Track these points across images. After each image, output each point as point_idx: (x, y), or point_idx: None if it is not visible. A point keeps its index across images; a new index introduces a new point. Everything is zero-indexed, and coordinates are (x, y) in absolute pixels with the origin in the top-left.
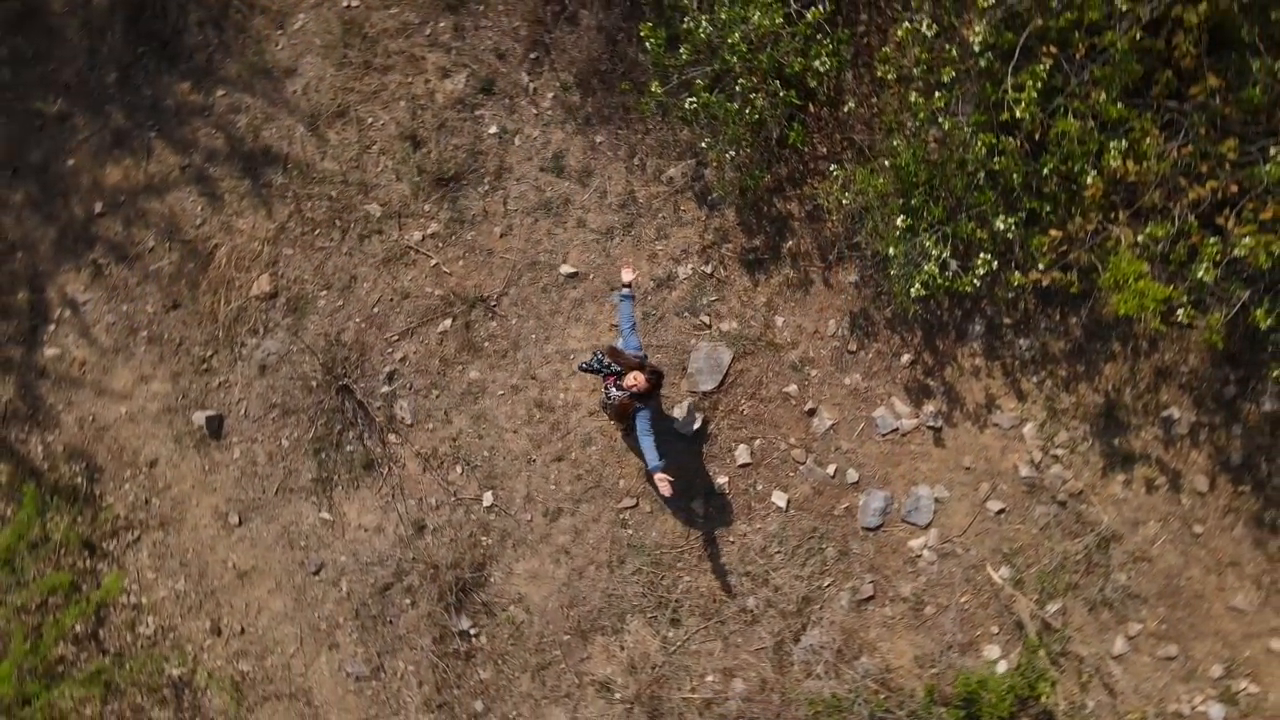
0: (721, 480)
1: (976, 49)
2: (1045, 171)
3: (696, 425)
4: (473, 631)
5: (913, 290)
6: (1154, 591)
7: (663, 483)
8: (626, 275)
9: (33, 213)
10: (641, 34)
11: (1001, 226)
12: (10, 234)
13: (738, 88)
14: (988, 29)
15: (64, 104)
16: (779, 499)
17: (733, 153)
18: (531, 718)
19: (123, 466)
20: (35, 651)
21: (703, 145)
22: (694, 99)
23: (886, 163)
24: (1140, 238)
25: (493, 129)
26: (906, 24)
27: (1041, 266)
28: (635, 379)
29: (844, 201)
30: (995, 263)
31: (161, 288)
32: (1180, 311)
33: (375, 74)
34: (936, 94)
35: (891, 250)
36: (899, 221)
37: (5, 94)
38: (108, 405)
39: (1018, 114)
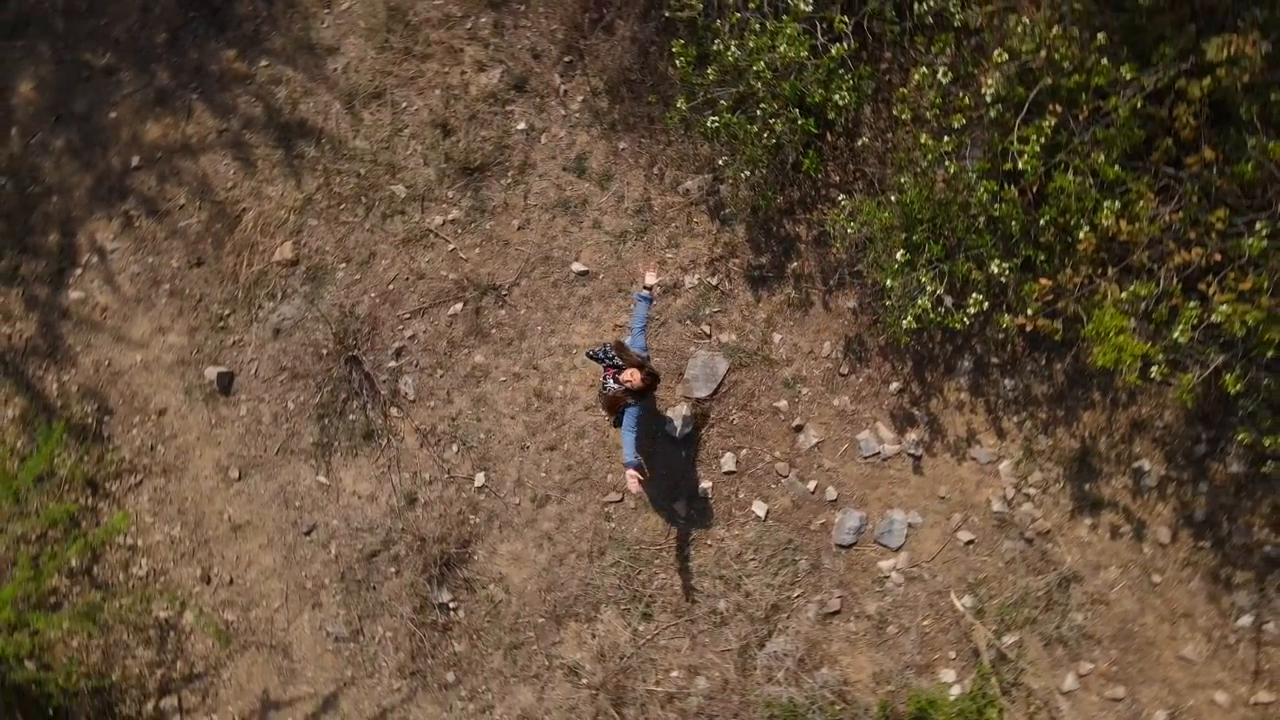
0: (705, 485)
1: (988, 100)
2: (1043, 222)
3: (687, 429)
4: (452, 605)
5: (905, 322)
6: (1108, 634)
7: (631, 479)
8: (650, 278)
9: (71, 159)
10: (673, 50)
11: (996, 270)
12: (48, 178)
13: (759, 111)
14: (1000, 82)
15: (112, 58)
16: (759, 508)
17: (748, 172)
18: (500, 694)
19: (133, 412)
20: (35, 580)
21: (721, 162)
22: (717, 118)
23: (894, 198)
24: (1125, 294)
25: (521, 125)
26: (924, 69)
27: (1030, 312)
28: (632, 375)
29: (850, 230)
30: (987, 304)
31: (188, 244)
32: (1155, 368)
33: (414, 61)
34: (946, 138)
35: (889, 281)
36: (899, 255)
37: (57, 44)
38: (124, 352)
39: (1020, 165)
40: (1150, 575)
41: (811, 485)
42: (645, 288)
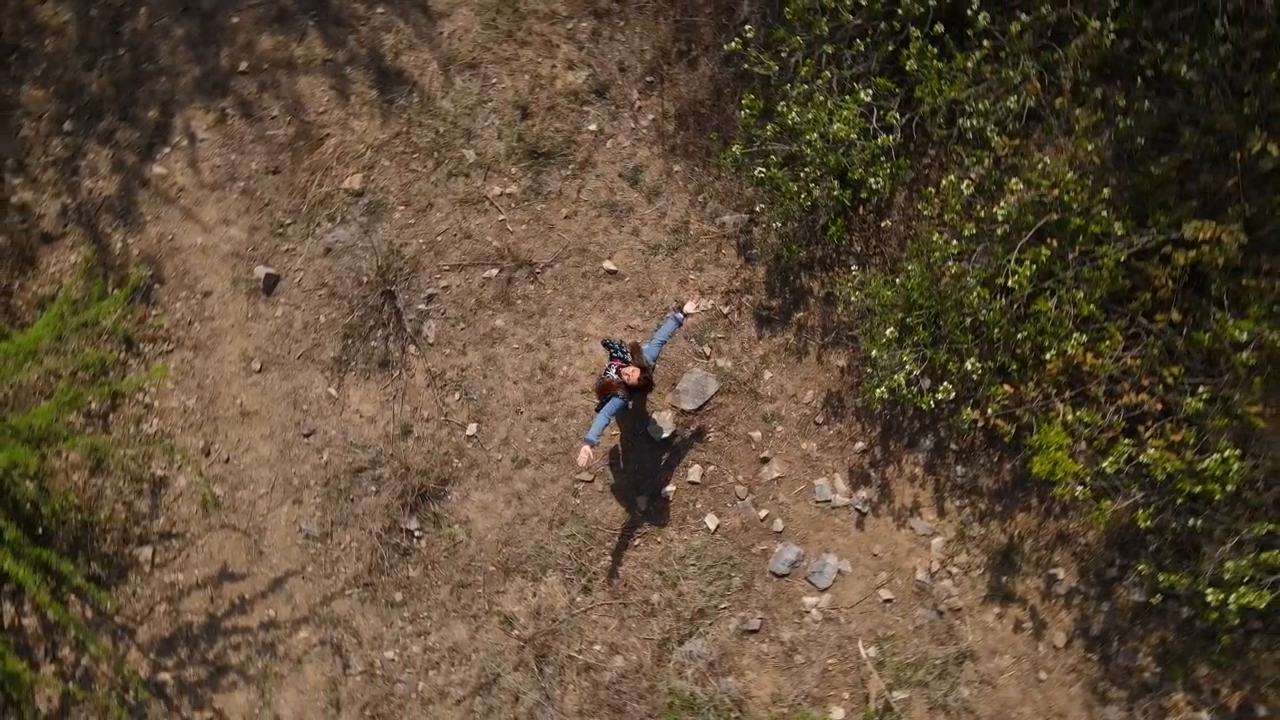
0: (669, 488)
1: (999, 219)
2: (1020, 336)
3: (666, 435)
4: (417, 534)
5: (879, 391)
6: (987, 713)
7: (581, 454)
8: (690, 306)
9: (187, 49)
10: (743, 100)
11: (971, 367)
12: (162, 60)
13: (803, 174)
14: (1013, 206)
15: None
16: (711, 521)
17: (781, 224)
18: (438, 624)
19: (181, 286)
20: (69, 405)
21: (759, 208)
22: (765, 169)
23: (899, 280)
24: (1074, 418)
25: (592, 126)
26: (952, 177)
27: (989, 411)
28: (632, 373)
29: (854, 298)
30: (955, 394)
31: (270, 152)
32: (1080, 489)
33: (513, 44)
34: (956, 241)
35: (875, 352)
36: (889, 331)
37: None
38: (189, 231)
39: (1012, 282)
40: (1038, 671)
41: (763, 513)
42: (681, 311)
